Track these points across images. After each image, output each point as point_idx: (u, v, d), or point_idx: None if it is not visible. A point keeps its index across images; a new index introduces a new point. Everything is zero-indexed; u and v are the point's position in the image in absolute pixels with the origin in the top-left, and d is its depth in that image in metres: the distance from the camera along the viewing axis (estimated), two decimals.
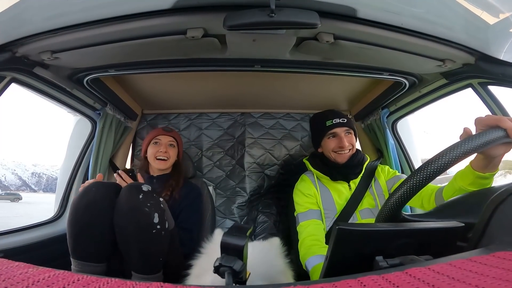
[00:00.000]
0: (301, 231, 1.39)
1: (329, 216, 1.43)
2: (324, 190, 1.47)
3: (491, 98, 1.22)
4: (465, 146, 0.61)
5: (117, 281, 0.36)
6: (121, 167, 2.02)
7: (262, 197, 2.24)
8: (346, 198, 1.44)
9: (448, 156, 0.61)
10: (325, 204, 1.44)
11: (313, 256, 1.26)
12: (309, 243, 1.31)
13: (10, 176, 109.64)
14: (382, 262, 0.48)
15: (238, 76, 1.72)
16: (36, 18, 0.94)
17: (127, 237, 1.17)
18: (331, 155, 1.46)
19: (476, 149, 0.62)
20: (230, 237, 0.49)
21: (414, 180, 0.62)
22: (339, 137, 1.44)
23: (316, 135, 1.53)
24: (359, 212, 1.40)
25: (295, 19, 0.86)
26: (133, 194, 1.19)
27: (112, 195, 1.23)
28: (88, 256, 1.18)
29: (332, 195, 1.45)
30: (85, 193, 1.22)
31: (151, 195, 1.21)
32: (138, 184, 1.26)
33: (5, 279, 0.35)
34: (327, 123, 1.46)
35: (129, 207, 1.17)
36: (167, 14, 0.95)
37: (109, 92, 1.68)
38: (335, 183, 1.47)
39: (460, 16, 0.96)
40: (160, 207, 1.21)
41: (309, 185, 1.49)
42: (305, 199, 1.45)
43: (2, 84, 1.14)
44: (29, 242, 1.40)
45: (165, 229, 1.20)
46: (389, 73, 1.42)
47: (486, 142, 0.63)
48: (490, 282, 0.32)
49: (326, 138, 1.47)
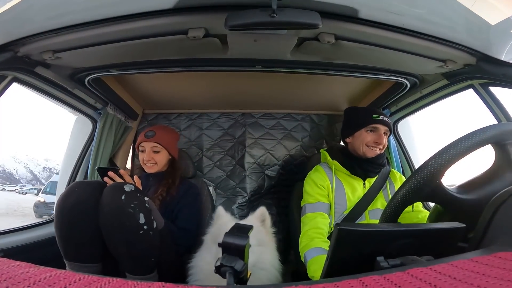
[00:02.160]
0: (306, 222, 1.37)
1: (338, 211, 1.40)
2: (338, 184, 1.44)
3: (492, 99, 1.22)
4: (465, 143, 0.61)
5: (118, 281, 0.36)
6: (121, 166, 2.02)
7: (262, 197, 2.24)
8: (358, 196, 1.42)
9: (448, 153, 0.61)
10: (337, 198, 1.41)
11: (314, 247, 1.25)
12: (313, 235, 1.30)
13: (22, 170, 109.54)
14: (383, 263, 0.48)
15: (239, 76, 1.72)
16: (37, 17, 0.95)
17: (114, 239, 1.14)
18: (362, 148, 1.42)
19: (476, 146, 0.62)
20: (231, 237, 0.49)
21: (416, 180, 0.62)
22: (379, 134, 1.41)
23: (353, 124, 1.48)
24: (368, 212, 1.39)
25: (297, 20, 0.86)
26: (115, 195, 1.14)
27: (97, 194, 1.19)
28: (81, 258, 1.16)
29: (345, 191, 1.43)
30: (69, 194, 1.19)
31: (135, 195, 1.16)
32: (120, 184, 1.21)
33: (6, 278, 0.35)
34: (374, 116, 1.43)
35: (111, 209, 1.13)
36: (168, 14, 0.95)
37: (110, 91, 1.68)
38: (352, 178, 1.45)
39: (461, 17, 0.96)
40: (145, 206, 1.16)
41: (324, 176, 1.45)
42: (317, 190, 1.42)
43: (4, 84, 1.14)
44: (29, 241, 1.40)
45: (153, 229, 1.16)
46: (390, 73, 1.42)
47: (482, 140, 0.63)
48: (491, 282, 0.32)
49: (365, 131, 1.43)
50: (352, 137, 1.47)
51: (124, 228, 1.11)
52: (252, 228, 0.55)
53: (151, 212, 1.19)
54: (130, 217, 1.11)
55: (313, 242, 1.27)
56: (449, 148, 0.62)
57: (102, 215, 1.15)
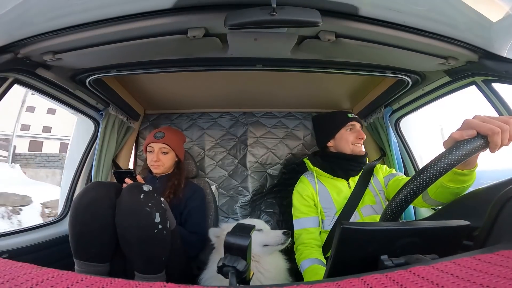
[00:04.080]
0: (295, 238, 1.45)
1: (329, 215, 1.44)
2: (322, 188, 1.49)
3: (495, 95, 1.21)
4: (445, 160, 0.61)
5: (120, 281, 0.36)
6: (124, 167, 2.03)
7: (264, 197, 2.24)
8: (345, 196, 1.45)
9: (455, 154, 0.60)
10: (323, 203, 1.46)
11: (305, 260, 1.32)
12: (302, 249, 1.37)
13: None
14: (387, 262, 0.48)
15: (239, 75, 1.72)
16: (38, 19, 0.95)
17: (129, 237, 1.17)
18: (349, 146, 1.49)
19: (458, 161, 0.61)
20: (233, 237, 0.49)
21: (420, 179, 0.61)
22: (357, 130, 1.51)
23: (331, 127, 1.55)
24: (360, 209, 1.41)
25: (297, 18, 0.86)
26: (134, 194, 1.19)
27: (112, 195, 1.23)
28: (90, 256, 1.18)
29: (330, 193, 1.47)
30: (84, 193, 1.23)
31: (152, 195, 1.20)
32: (139, 184, 1.26)
33: (10, 279, 0.36)
34: (348, 115, 1.53)
35: (130, 207, 1.17)
36: (168, 14, 0.95)
37: (111, 92, 1.68)
38: (335, 180, 1.49)
39: (463, 14, 0.95)
40: (161, 206, 1.21)
41: (307, 185, 1.51)
42: (303, 202, 1.48)
43: (5, 86, 1.15)
44: (34, 242, 1.41)
45: (166, 229, 1.20)
46: (392, 71, 1.41)
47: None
48: (494, 281, 0.32)
49: (345, 130, 1.51)
50: (333, 139, 1.55)
51: (140, 226, 1.15)
52: (254, 228, 0.55)
53: (166, 212, 1.22)
54: (147, 215, 1.15)
55: (303, 255, 1.35)
56: (457, 147, 0.61)
57: (119, 213, 1.19)
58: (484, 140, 0.61)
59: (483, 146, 0.62)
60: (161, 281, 0.37)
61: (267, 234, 1.33)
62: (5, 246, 1.27)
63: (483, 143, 0.61)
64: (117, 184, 1.33)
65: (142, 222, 1.15)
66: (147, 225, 1.15)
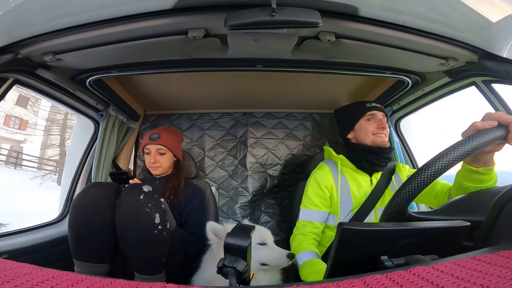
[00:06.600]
0: (297, 227, 1.39)
1: (344, 211, 1.36)
2: (343, 181, 1.40)
3: (495, 96, 1.21)
4: (469, 144, 0.61)
5: (120, 282, 0.36)
6: (124, 168, 2.03)
7: (264, 197, 2.24)
8: (365, 193, 1.37)
9: (453, 153, 0.60)
10: (342, 197, 1.37)
11: (304, 251, 1.26)
12: (301, 239, 1.31)
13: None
14: (387, 262, 0.48)
15: (239, 76, 1.72)
16: (38, 19, 0.95)
17: (128, 238, 1.17)
18: (369, 137, 1.38)
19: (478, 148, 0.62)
20: (233, 238, 0.48)
21: (420, 178, 0.61)
22: (379, 119, 1.39)
23: (350, 119, 1.45)
24: (377, 210, 1.34)
25: (297, 18, 0.86)
26: (134, 195, 1.18)
27: (111, 195, 1.22)
28: (89, 257, 1.18)
29: (350, 187, 1.38)
30: (84, 193, 1.22)
31: (152, 196, 1.20)
32: (138, 185, 1.26)
33: (10, 279, 0.36)
34: (367, 105, 1.42)
35: (130, 208, 1.16)
36: (168, 14, 0.95)
37: (111, 93, 1.68)
38: (357, 173, 1.41)
39: (463, 14, 0.95)
40: (161, 207, 1.20)
41: (327, 174, 1.41)
42: (318, 193, 1.39)
43: (5, 86, 1.15)
44: (34, 243, 1.41)
45: (166, 230, 1.20)
46: (392, 71, 1.41)
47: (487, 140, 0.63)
48: (494, 281, 0.32)
49: (364, 120, 1.41)
50: (353, 131, 1.44)
51: (140, 227, 1.14)
52: (254, 228, 0.54)
53: (166, 212, 1.22)
54: (146, 216, 1.15)
55: (302, 246, 1.28)
56: (457, 146, 0.61)
57: (119, 213, 1.18)
58: (504, 131, 0.64)
59: (503, 136, 0.64)
60: (161, 282, 0.36)
61: (271, 251, 1.19)
62: (5, 247, 1.27)
63: (503, 133, 0.64)
64: (116, 185, 1.33)
65: (142, 223, 1.14)
66: (147, 226, 1.15)
